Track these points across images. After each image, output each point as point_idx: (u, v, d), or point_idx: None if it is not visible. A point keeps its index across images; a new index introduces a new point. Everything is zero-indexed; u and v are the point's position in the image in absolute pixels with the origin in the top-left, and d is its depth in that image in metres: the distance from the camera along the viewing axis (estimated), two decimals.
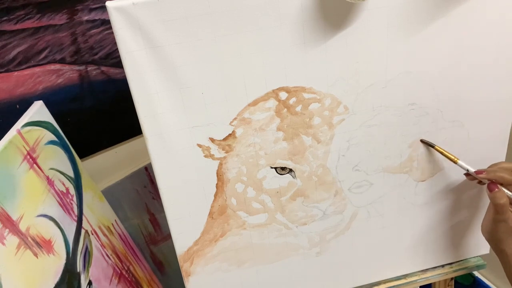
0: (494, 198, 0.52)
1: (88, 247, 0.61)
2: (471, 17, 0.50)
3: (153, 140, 0.49)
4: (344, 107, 0.52)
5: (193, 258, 0.57)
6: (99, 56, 0.73)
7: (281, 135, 0.52)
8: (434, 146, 0.56)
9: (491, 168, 0.54)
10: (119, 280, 0.67)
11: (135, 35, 0.44)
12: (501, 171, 0.53)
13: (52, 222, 0.54)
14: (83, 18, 0.69)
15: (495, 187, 0.52)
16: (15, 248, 0.45)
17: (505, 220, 0.52)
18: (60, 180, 0.60)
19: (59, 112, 0.67)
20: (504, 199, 0.52)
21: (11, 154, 0.50)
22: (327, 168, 0.55)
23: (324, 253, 0.61)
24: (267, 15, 0.45)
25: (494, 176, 0.53)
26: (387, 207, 0.60)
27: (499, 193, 0.52)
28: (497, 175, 0.53)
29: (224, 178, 0.53)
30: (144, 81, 0.46)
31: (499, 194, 0.52)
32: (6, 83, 0.64)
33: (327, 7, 0.46)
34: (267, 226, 0.57)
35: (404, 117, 0.54)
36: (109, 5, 0.42)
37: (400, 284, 0.67)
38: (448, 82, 0.53)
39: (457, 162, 0.55)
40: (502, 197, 0.52)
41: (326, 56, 0.49)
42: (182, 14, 0.44)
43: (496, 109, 0.57)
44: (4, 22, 0.62)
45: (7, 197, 0.47)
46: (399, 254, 0.65)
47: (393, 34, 0.49)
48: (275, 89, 0.50)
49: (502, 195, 0.52)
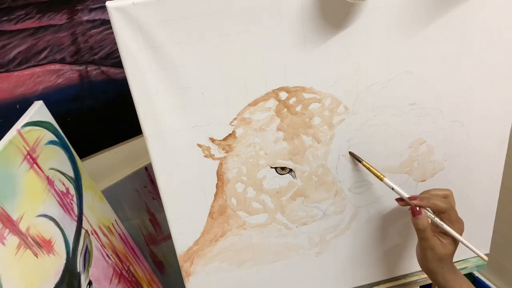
0: (415, 224, 0.51)
1: (88, 247, 0.61)
2: (471, 16, 0.50)
3: (153, 140, 0.49)
4: (344, 107, 0.52)
5: (193, 258, 0.57)
6: (99, 56, 0.73)
7: (281, 135, 0.52)
8: (362, 161, 0.54)
9: (424, 195, 0.53)
10: (119, 280, 0.67)
11: (135, 35, 0.44)
12: (434, 198, 0.51)
13: (52, 222, 0.54)
14: (83, 18, 0.69)
15: (418, 213, 0.51)
16: (15, 248, 0.45)
17: (431, 247, 0.51)
18: (60, 180, 0.60)
19: (59, 112, 0.67)
20: (425, 224, 0.50)
21: (11, 154, 0.50)
22: (327, 168, 0.55)
23: (324, 253, 0.61)
24: (267, 15, 0.45)
25: (427, 203, 0.51)
26: (387, 207, 0.60)
27: (420, 218, 0.51)
28: (431, 202, 0.51)
29: (224, 178, 0.53)
30: (144, 81, 0.46)
31: (420, 220, 0.51)
32: (6, 83, 0.64)
33: (327, 7, 0.46)
34: (267, 226, 0.57)
35: (404, 117, 0.54)
36: (109, 5, 0.42)
37: (400, 284, 0.67)
38: (448, 82, 0.53)
39: (383, 179, 0.53)
40: (423, 222, 0.50)
41: (326, 56, 0.49)
42: (182, 14, 0.44)
43: (496, 109, 0.57)
44: (4, 22, 0.62)
45: (7, 197, 0.47)
46: (399, 254, 0.65)
47: (393, 34, 0.49)
48: (275, 89, 0.50)
49: (423, 220, 0.50)
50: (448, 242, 0.52)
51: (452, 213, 0.51)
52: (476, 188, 0.62)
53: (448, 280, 0.52)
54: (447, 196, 0.53)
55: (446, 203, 0.51)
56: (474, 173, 0.60)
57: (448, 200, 0.52)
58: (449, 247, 0.52)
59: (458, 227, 0.52)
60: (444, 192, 0.53)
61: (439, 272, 0.52)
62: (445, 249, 0.52)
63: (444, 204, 0.51)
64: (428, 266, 0.53)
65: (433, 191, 0.53)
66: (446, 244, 0.52)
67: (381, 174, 0.54)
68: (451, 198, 0.53)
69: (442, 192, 0.53)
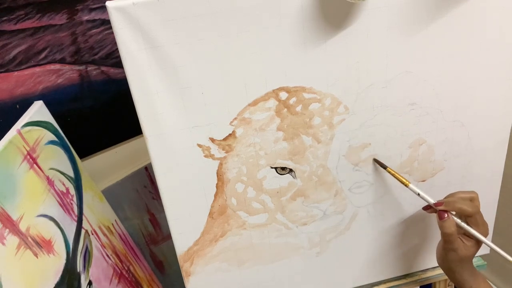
0: (442, 227, 0.51)
1: (88, 247, 0.61)
2: (471, 16, 0.50)
3: (153, 140, 0.49)
4: (344, 107, 0.52)
5: (193, 258, 0.57)
6: (99, 56, 0.73)
7: (281, 135, 0.52)
8: (386, 168, 0.54)
9: (449, 199, 0.52)
10: (119, 280, 0.67)
11: (135, 35, 0.44)
12: (460, 202, 0.50)
13: (52, 222, 0.54)
14: (83, 18, 0.69)
15: (444, 215, 0.50)
16: (15, 248, 0.45)
17: (454, 249, 0.51)
18: (60, 180, 0.60)
19: (59, 112, 0.67)
20: (452, 228, 0.50)
21: (11, 154, 0.50)
22: (327, 168, 0.55)
23: (324, 253, 0.61)
24: (267, 15, 0.45)
25: (453, 208, 0.50)
26: (387, 207, 0.60)
27: (447, 222, 0.50)
28: (457, 207, 0.50)
29: (224, 178, 0.53)
30: (144, 81, 0.46)
31: (447, 223, 0.50)
32: (6, 83, 0.64)
33: (327, 7, 0.46)
34: (267, 226, 0.57)
35: (404, 117, 0.54)
36: (109, 5, 0.42)
37: (400, 284, 0.67)
38: (448, 82, 0.53)
39: (409, 186, 0.53)
40: (450, 226, 0.50)
41: (326, 56, 0.49)
42: (182, 14, 0.44)
43: (496, 109, 0.57)
44: (4, 22, 0.62)
45: (7, 197, 0.47)
46: (399, 254, 0.65)
47: (393, 34, 0.49)
48: (275, 89, 0.50)
49: (450, 224, 0.50)
50: (471, 244, 0.51)
51: (478, 216, 0.50)
52: (476, 188, 0.61)
53: (466, 279, 0.52)
54: (473, 199, 0.51)
55: (472, 207, 0.50)
56: (474, 173, 0.60)
57: (474, 203, 0.51)
58: (471, 249, 0.51)
59: (483, 230, 0.51)
60: (470, 195, 0.52)
61: (458, 271, 0.52)
62: (468, 251, 0.51)
63: (470, 208, 0.50)
64: (448, 265, 0.53)
65: (459, 194, 0.52)
66: (469, 247, 0.51)
67: (406, 181, 0.53)
68: (476, 201, 0.52)
69: (468, 195, 0.52)
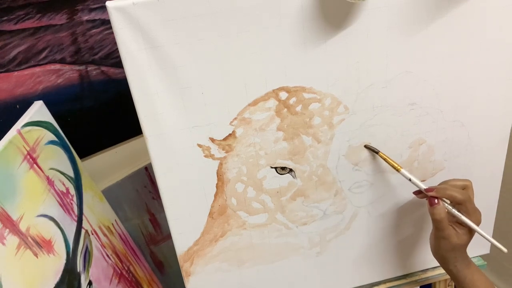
0: (432, 214, 0.50)
1: (88, 247, 0.61)
2: (471, 16, 0.50)
3: (153, 140, 0.49)
4: (344, 107, 0.52)
5: (193, 258, 0.57)
6: (99, 56, 0.73)
7: (281, 135, 0.52)
8: (378, 152, 0.54)
9: (441, 186, 0.52)
10: (119, 280, 0.67)
11: (135, 35, 0.44)
12: (452, 189, 0.50)
13: (52, 222, 0.54)
14: (83, 18, 0.69)
15: (434, 201, 0.50)
16: (15, 248, 0.45)
17: (446, 237, 0.51)
18: (60, 180, 0.60)
19: (59, 112, 0.67)
20: (442, 215, 0.50)
21: (11, 154, 0.50)
22: (327, 168, 0.55)
23: (324, 253, 0.61)
24: (267, 15, 0.45)
25: (443, 194, 0.50)
26: (387, 207, 0.60)
27: (437, 208, 0.50)
28: (447, 194, 0.50)
29: (224, 178, 0.53)
30: (144, 81, 0.46)
31: (437, 210, 0.50)
32: (6, 83, 0.64)
33: (327, 7, 0.46)
34: (267, 226, 0.57)
35: (404, 117, 0.54)
36: (109, 5, 0.42)
37: (400, 284, 0.67)
38: (448, 82, 0.53)
39: (400, 170, 0.53)
40: (440, 212, 0.50)
41: (326, 56, 0.49)
42: (182, 14, 0.44)
43: (496, 109, 0.57)
44: (4, 22, 0.62)
45: (7, 197, 0.47)
46: (399, 254, 0.65)
47: (393, 34, 0.49)
48: (275, 89, 0.50)
49: (440, 210, 0.50)
50: (464, 232, 0.51)
51: (469, 204, 0.50)
52: (476, 188, 0.61)
53: (460, 269, 0.52)
54: (465, 187, 0.52)
55: (463, 195, 0.50)
56: (474, 173, 0.60)
57: (465, 191, 0.51)
58: (464, 238, 0.51)
59: (475, 218, 0.51)
60: (463, 182, 0.52)
61: (451, 261, 0.52)
62: (459, 239, 0.51)
63: (461, 195, 0.50)
64: (441, 254, 0.52)
65: (452, 182, 0.52)
66: (461, 235, 0.51)
67: (398, 165, 0.53)
68: (469, 189, 0.52)
69: (460, 183, 0.52)
